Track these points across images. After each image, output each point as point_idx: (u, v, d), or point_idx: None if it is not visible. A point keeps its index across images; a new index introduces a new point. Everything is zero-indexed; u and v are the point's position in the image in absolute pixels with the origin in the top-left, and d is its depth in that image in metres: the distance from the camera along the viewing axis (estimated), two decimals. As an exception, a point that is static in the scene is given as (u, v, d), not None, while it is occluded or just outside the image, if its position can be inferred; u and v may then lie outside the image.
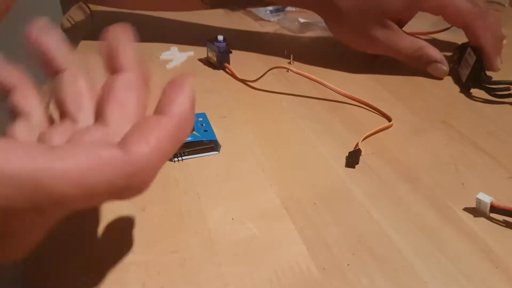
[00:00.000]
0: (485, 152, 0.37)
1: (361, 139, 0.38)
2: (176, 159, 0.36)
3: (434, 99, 0.46)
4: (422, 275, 0.26)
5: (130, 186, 0.19)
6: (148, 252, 0.28)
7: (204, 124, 0.38)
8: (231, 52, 0.52)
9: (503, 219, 0.30)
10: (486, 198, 0.30)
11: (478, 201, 0.30)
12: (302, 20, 0.64)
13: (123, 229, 0.29)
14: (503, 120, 0.42)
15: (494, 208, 0.30)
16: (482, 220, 0.30)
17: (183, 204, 0.32)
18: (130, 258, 0.27)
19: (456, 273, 0.26)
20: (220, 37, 0.52)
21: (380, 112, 0.43)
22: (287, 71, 0.48)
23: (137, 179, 0.19)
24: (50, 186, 0.17)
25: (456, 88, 0.48)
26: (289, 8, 0.70)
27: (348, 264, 0.27)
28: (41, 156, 0.17)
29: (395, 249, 0.28)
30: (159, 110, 0.21)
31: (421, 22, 0.60)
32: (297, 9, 0.70)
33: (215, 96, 0.47)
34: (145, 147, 0.19)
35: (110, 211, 0.30)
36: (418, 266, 0.27)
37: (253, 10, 0.70)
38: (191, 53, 0.56)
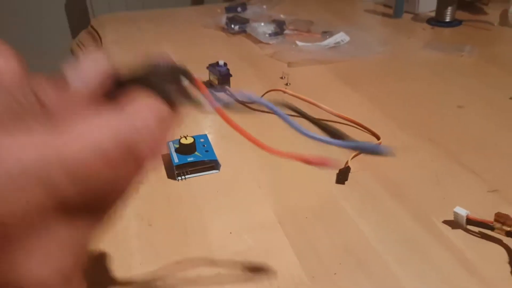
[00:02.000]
0: (468, 167, 0.40)
1: (351, 157, 0.41)
2: (180, 178, 0.39)
3: (422, 117, 0.49)
4: (404, 283, 0.29)
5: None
6: (154, 263, 0.31)
7: (205, 145, 0.42)
8: (231, 76, 0.56)
9: (479, 231, 0.33)
10: (462, 212, 0.33)
11: (455, 214, 0.33)
12: (299, 43, 0.68)
13: (131, 243, 0.32)
14: (490, 137, 0.44)
15: (470, 221, 0.33)
16: (459, 231, 0.33)
17: (187, 218, 0.35)
18: (137, 270, 0.30)
19: (436, 281, 0.29)
20: (221, 62, 0.56)
21: (369, 131, 0.46)
22: (284, 92, 0.51)
23: None
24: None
25: (444, 107, 0.51)
26: (287, 31, 0.74)
27: (335, 273, 0.30)
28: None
29: (380, 258, 0.31)
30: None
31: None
32: (295, 32, 0.73)
33: (216, 118, 0.50)
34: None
35: (119, 226, 0.33)
36: (400, 274, 0.30)
37: (253, 33, 0.74)
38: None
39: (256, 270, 0.30)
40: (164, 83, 0.20)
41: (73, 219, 0.17)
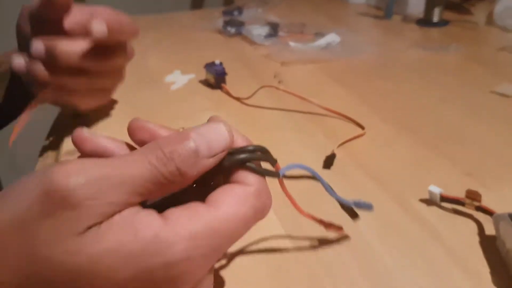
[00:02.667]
0: (445, 155, 0.43)
1: (337, 145, 0.44)
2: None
3: (404, 111, 0.52)
4: (382, 256, 0.32)
5: None
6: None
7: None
8: (226, 74, 0.59)
9: (452, 207, 0.36)
10: (436, 190, 0.36)
11: (430, 193, 0.36)
12: (292, 44, 0.71)
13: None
14: (467, 128, 0.47)
15: (443, 198, 0.36)
16: (434, 209, 0.36)
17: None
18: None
19: (411, 254, 0.32)
20: (217, 61, 0.59)
21: (354, 122, 0.49)
22: (277, 89, 0.55)
23: None
24: None
25: (426, 101, 0.54)
26: (281, 33, 0.77)
27: (318, 240, 0.33)
28: None
29: (360, 234, 0.34)
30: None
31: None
32: (289, 34, 0.77)
33: (213, 113, 0.53)
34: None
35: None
36: (378, 248, 0.32)
37: (248, 35, 0.77)
38: (192, 76, 0.63)
39: (247, 240, 0.33)
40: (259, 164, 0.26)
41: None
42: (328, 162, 0.42)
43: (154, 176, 0.22)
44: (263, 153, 0.26)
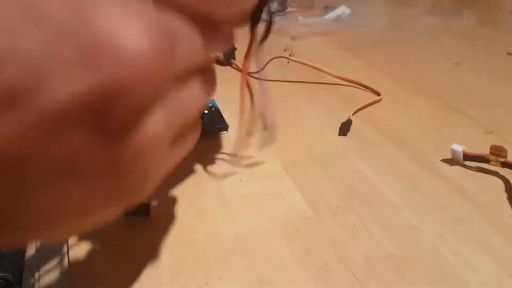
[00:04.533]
0: (465, 114, 0.41)
1: (352, 112, 0.43)
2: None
3: (420, 75, 0.50)
4: (403, 212, 0.31)
5: None
6: (170, 205, 0.33)
7: (214, 109, 0.44)
8: (236, 49, 0.58)
9: (476, 166, 0.35)
10: (459, 148, 0.34)
11: (453, 151, 0.35)
12: (301, 18, 0.70)
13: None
14: (485, 87, 0.46)
15: (466, 156, 0.34)
16: (458, 168, 0.35)
17: (201, 170, 0.37)
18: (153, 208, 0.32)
19: (436, 212, 0.31)
20: (226, 37, 0.58)
21: (370, 89, 0.47)
22: (288, 62, 0.53)
23: None
24: None
25: (441, 64, 0.52)
26: (289, 8, 0.76)
27: (338, 206, 0.32)
28: None
29: (380, 193, 0.33)
30: None
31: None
32: (297, 9, 0.75)
33: (224, 89, 0.52)
34: None
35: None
36: (399, 204, 0.31)
37: (256, 13, 0.76)
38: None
39: (264, 209, 0.32)
40: None
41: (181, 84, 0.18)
42: (345, 128, 0.41)
43: None
44: None
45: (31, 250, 0.32)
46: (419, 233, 0.29)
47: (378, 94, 0.46)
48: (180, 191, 0.35)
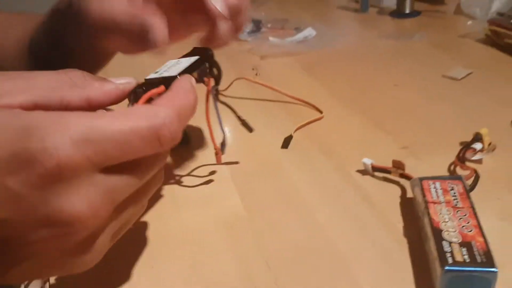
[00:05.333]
0: (388, 132, 0.49)
1: (295, 128, 0.51)
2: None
3: (361, 95, 0.58)
4: (320, 217, 0.39)
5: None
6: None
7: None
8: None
9: (383, 176, 0.43)
10: (368, 161, 0.42)
11: (364, 164, 0.43)
12: (272, 39, 0.78)
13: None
14: (415, 108, 0.54)
15: (374, 168, 0.42)
16: (368, 177, 0.43)
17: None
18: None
19: (343, 213, 0.39)
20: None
21: (315, 108, 0.55)
22: (249, 80, 0.61)
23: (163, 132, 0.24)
24: None
25: (382, 85, 0.60)
26: (264, 29, 0.84)
27: (268, 210, 0.40)
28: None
29: (305, 200, 0.41)
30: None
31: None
32: (271, 29, 0.83)
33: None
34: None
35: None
36: (318, 210, 0.39)
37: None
38: (179, 71, 0.70)
39: (208, 207, 0.40)
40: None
41: (111, 176, 0.23)
42: (286, 142, 0.49)
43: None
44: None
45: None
46: (323, 229, 0.37)
47: (321, 112, 0.54)
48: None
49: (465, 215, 0.33)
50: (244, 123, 0.54)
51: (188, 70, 0.32)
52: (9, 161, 0.21)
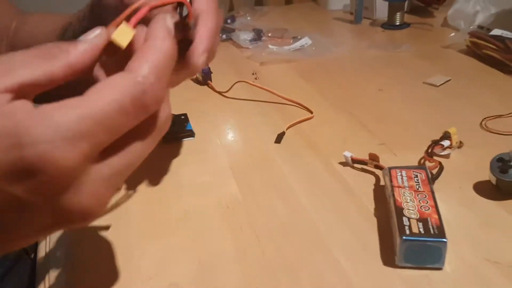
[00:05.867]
0: (369, 131, 0.56)
1: (287, 127, 0.57)
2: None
3: (349, 98, 0.65)
4: (306, 204, 0.45)
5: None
6: (140, 193, 0.47)
7: (183, 117, 0.59)
8: (212, 73, 0.73)
9: (361, 167, 0.49)
10: (348, 154, 0.49)
11: (345, 156, 0.49)
12: (271, 47, 0.84)
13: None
14: (397, 110, 0.60)
15: (354, 160, 0.49)
16: (348, 168, 0.49)
17: (169, 167, 0.52)
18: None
19: (324, 199, 0.45)
20: (204, 63, 0.73)
21: (306, 109, 0.62)
22: (248, 83, 0.68)
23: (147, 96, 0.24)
24: None
25: (368, 90, 0.67)
26: (264, 38, 0.90)
27: (259, 194, 0.46)
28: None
29: (292, 189, 0.47)
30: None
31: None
32: (271, 38, 0.90)
33: (198, 104, 0.67)
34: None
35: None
36: (299, 192, 0.46)
37: (236, 40, 0.91)
38: (185, 75, 0.77)
39: (208, 193, 0.47)
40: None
41: (108, 161, 0.24)
42: (279, 138, 0.55)
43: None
44: None
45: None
46: (306, 211, 0.43)
47: (311, 112, 0.61)
48: (148, 183, 0.50)
49: (425, 197, 0.40)
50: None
51: None
52: (7, 170, 0.21)
